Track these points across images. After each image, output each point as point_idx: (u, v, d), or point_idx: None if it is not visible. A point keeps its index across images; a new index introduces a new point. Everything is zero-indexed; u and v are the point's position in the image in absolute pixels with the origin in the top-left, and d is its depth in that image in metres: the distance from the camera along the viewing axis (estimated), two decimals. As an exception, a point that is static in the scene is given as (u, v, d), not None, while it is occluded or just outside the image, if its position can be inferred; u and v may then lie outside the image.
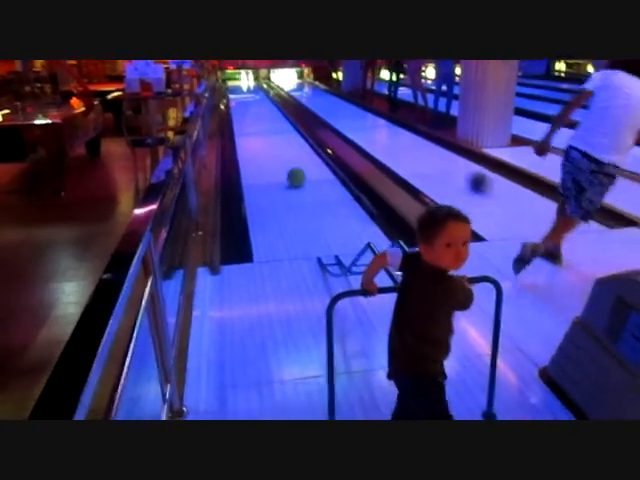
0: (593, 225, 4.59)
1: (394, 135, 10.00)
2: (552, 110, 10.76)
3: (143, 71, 4.70)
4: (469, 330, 2.99)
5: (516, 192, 5.77)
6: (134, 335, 1.80)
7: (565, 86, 15.91)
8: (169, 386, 2.34)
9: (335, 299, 2.01)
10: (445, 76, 10.00)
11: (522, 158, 6.93)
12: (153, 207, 2.31)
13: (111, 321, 1.39)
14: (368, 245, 3.05)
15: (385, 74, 15.17)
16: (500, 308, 2.16)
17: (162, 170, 3.09)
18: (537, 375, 2.62)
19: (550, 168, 6.39)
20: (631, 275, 2.10)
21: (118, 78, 10.73)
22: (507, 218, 4.89)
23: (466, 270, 1.73)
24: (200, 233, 4.68)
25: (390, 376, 1.95)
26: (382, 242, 3.97)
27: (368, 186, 6.00)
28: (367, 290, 2.02)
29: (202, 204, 5.46)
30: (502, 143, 7.60)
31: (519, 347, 2.86)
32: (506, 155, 7.11)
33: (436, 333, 1.82)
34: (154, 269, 2.21)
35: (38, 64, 13.37)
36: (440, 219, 1.68)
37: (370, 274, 2.06)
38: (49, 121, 5.87)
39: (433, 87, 11.14)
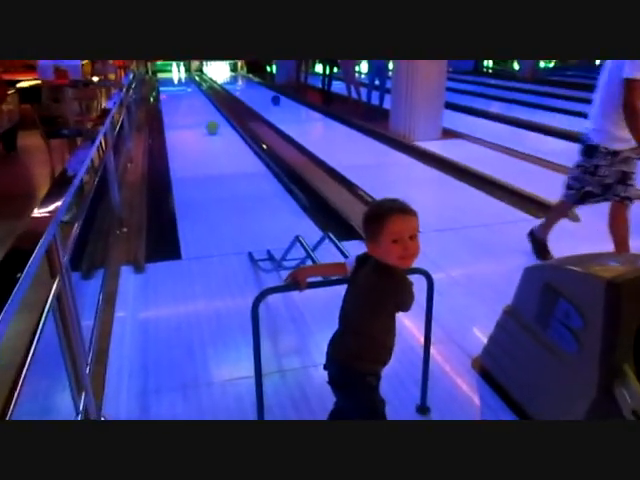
0: (522, 215, 4.72)
1: (328, 128, 9.94)
2: (480, 104, 11.13)
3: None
4: (402, 322, 2.94)
5: (447, 183, 5.84)
6: (34, 341, 1.63)
7: (493, 82, 16.47)
8: (84, 395, 2.14)
9: (261, 296, 1.89)
10: (378, 70, 10.04)
11: (452, 150, 7.07)
12: (59, 202, 2.10)
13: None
14: (297, 238, 2.94)
15: (319, 67, 15.10)
16: (431, 300, 2.11)
17: (75, 162, 2.84)
18: (470, 365, 2.61)
19: (478, 160, 6.56)
20: (558, 262, 2.11)
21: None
22: (439, 209, 4.92)
23: None
24: (125, 230, 4.42)
25: (325, 366, 1.86)
26: (314, 234, 3.86)
27: (301, 179, 5.90)
28: (296, 283, 1.91)
29: (128, 199, 5.19)
30: (433, 136, 7.70)
31: (452, 338, 2.84)
32: (437, 147, 7.21)
33: (374, 331, 1.74)
34: (61, 269, 2.01)
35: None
36: (383, 214, 1.60)
37: (312, 273, 1.97)
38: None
39: (366, 81, 11.16)
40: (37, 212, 1.98)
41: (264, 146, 7.64)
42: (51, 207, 2.02)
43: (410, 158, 6.92)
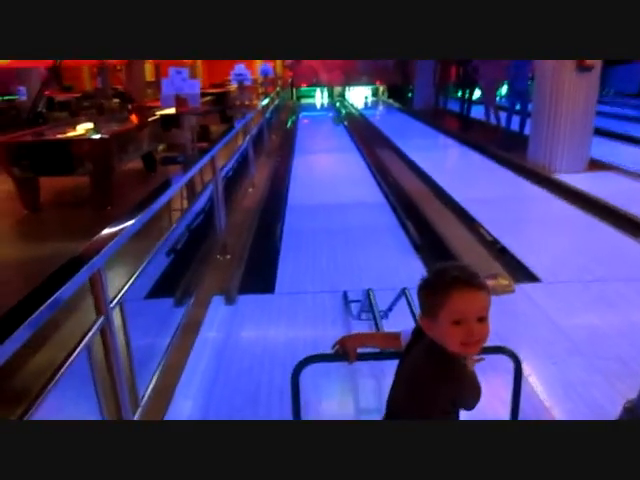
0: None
1: (460, 156, 9.39)
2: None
3: (179, 86, 4.55)
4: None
5: (590, 225, 5.07)
6: (56, 376, 1.54)
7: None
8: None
9: (300, 365, 1.62)
10: (519, 93, 9.28)
11: (600, 185, 6.20)
12: (115, 230, 2.02)
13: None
14: (367, 292, 2.57)
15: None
16: (519, 388, 1.65)
17: (163, 188, 2.81)
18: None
19: (633, 198, 5.63)
20: None
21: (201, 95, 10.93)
22: (572, 255, 4.24)
23: (509, 315, 1.30)
24: (228, 257, 4.40)
25: None
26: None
27: (419, 212, 5.51)
28: (345, 353, 1.60)
29: (239, 225, 5.22)
30: (578, 168, 6.82)
31: (561, 424, 2.30)
32: (582, 181, 6.35)
33: None
34: (107, 308, 1.91)
35: (118, 81, 13.94)
36: (444, 285, 1.24)
37: (362, 343, 1.64)
38: (97, 136, 5.86)
39: (506, 105, 10.40)
40: (85, 249, 1.90)
41: (387, 175, 7.36)
42: (100, 242, 1.94)
43: (547, 192, 6.18)
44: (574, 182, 6.34)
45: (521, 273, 3.89)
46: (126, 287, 2.16)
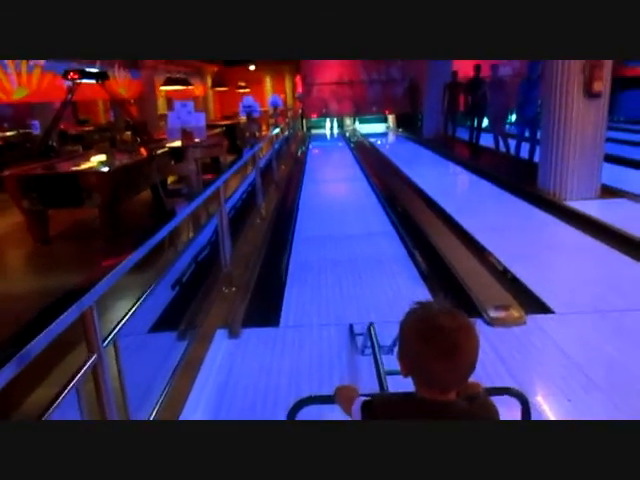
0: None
1: (470, 184, 9.34)
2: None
3: (185, 119, 4.56)
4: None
5: (604, 253, 4.94)
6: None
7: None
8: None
9: (295, 408, 1.54)
10: (528, 120, 9.24)
11: (613, 213, 6.08)
12: (111, 267, 1.97)
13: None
14: (369, 327, 2.46)
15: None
16: (528, 431, 1.55)
17: (163, 222, 2.77)
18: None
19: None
20: None
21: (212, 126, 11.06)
22: (587, 285, 4.11)
23: (521, 349, 1.20)
24: (233, 289, 4.34)
25: None
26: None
27: (427, 241, 5.42)
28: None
29: (246, 257, 5.17)
30: (589, 194, 6.72)
31: None
32: (593, 208, 6.24)
33: None
34: (99, 347, 1.85)
35: (130, 114, 14.05)
36: (420, 350, 1.11)
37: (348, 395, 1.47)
38: (104, 169, 5.90)
39: (515, 132, 10.35)
40: (77, 284, 1.85)
41: (396, 205, 7.30)
42: (91, 278, 1.89)
43: (558, 220, 6.07)
44: (586, 209, 6.23)
45: (533, 304, 3.78)
46: (121, 324, 2.11)
